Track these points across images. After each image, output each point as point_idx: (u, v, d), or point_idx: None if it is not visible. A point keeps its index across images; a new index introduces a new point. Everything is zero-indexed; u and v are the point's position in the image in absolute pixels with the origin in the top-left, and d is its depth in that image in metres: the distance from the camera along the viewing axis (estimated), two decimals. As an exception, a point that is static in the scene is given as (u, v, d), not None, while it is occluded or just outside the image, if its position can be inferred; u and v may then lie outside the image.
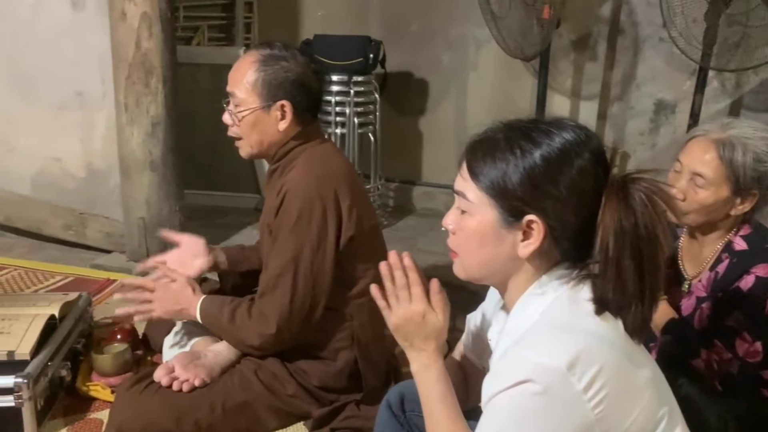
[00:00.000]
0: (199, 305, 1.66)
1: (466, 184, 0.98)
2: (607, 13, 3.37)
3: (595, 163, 0.94)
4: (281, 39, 3.68)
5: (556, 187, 0.92)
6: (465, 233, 0.99)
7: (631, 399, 0.90)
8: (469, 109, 3.69)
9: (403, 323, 1.06)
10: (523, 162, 0.93)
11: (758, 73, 3.25)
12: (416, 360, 1.07)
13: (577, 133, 0.95)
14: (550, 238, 0.94)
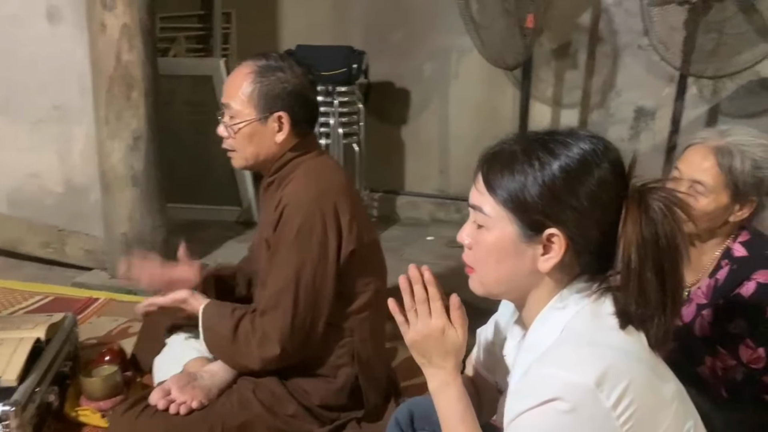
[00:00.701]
0: (201, 314, 1.61)
1: (483, 198, 0.96)
2: (587, 21, 3.41)
3: (615, 174, 0.92)
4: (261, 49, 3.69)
5: (577, 199, 0.90)
6: (483, 248, 0.97)
7: (658, 414, 0.89)
8: (451, 119, 3.69)
9: (421, 339, 1.03)
10: (543, 174, 0.91)
11: (734, 80, 3.30)
12: (435, 378, 1.04)
13: (594, 144, 0.93)
14: (572, 251, 0.92)
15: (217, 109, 3.39)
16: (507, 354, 1.09)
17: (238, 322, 1.57)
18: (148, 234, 2.66)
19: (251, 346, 1.55)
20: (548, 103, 3.50)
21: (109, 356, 1.85)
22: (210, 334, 1.61)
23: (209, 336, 1.62)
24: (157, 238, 2.70)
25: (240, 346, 1.56)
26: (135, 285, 1.76)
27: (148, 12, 2.50)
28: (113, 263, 2.69)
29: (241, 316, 1.59)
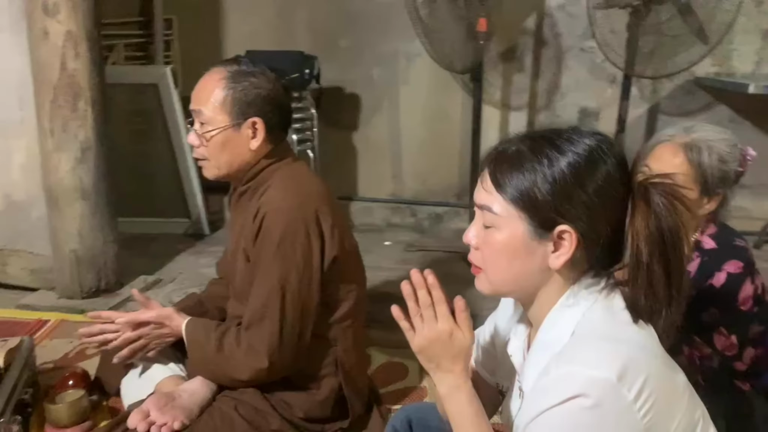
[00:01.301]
0: (184, 328, 1.56)
1: (492, 197, 0.95)
2: (532, 25, 3.48)
3: (620, 169, 0.93)
4: (205, 56, 3.60)
5: (586, 194, 0.90)
6: (492, 248, 0.96)
7: (674, 405, 0.90)
8: (402, 123, 3.70)
9: (429, 344, 1.01)
10: (552, 171, 0.91)
11: (672, 80, 3.45)
12: (444, 381, 1.02)
13: (599, 140, 0.94)
14: (582, 247, 0.92)
15: (162, 117, 3.33)
16: (513, 354, 1.08)
17: (223, 335, 1.53)
18: (100, 249, 2.54)
19: (237, 358, 1.50)
20: (497, 106, 3.56)
21: (72, 380, 1.74)
22: (195, 347, 1.56)
23: (194, 349, 1.56)
24: (109, 254, 2.58)
25: (226, 358, 1.51)
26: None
27: (94, 18, 2.39)
28: (62, 282, 2.56)
29: (226, 330, 1.54)
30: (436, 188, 3.76)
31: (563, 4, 3.46)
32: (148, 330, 1.60)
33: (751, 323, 1.55)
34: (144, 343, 1.60)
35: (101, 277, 2.57)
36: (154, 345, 1.62)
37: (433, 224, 3.72)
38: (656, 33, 3.00)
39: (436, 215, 3.73)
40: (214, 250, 3.30)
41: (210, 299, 1.80)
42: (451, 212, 3.72)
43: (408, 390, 1.94)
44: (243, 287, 1.61)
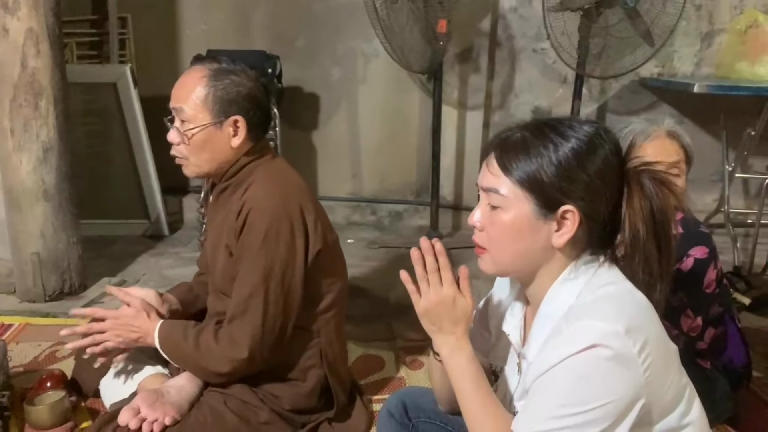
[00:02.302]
0: (157, 331, 1.55)
1: (499, 180, 1.01)
2: (487, 26, 3.59)
3: (616, 154, 1.01)
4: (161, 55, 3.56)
5: (588, 176, 0.98)
6: (499, 228, 1.02)
7: (667, 366, 0.98)
8: (360, 122, 3.74)
9: (433, 307, 1.06)
10: (557, 155, 0.98)
11: (619, 80, 3.61)
12: (446, 343, 1.07)
13: (596, 127, 1.02)
14: (583, 226, 0.99)
15: (121, 117, 3.28)
16: (510, 332, 1.15)
17: (199, 333, 1.54)
18: (63, 251, 2.49)
19: (215, 352, 1.52)
20: (454, 105, 3.64)
21: (50, 382, 1.72)
22: (170, 347, 1.56)
23: (170, 349, 1.56)
24: (73, 256, 2.54)
25: (204, 354, 1.53)
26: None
27: (55, 15, 2.35)
28: (24, 285, 2.50)
29: (202, 328, 1.56)
30: (394, 187, 3.82)
31: (516, 7, 3.58)
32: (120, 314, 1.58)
33: (712, 305, 1.67)
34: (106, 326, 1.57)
35: (65, 279, 2.53)
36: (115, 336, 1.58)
37: (394, 222, 3.78)
38: (605, 35, 3.15)
39: (396, 213, 3.79)
40: (175, 251, 3.28)
41: (199, 286, 1.81)
42: (410, 210, 3.79)
43: (386, 380, 1.99)
44: (223, 282, 1.62)
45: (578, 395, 0.91)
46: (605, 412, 0.90)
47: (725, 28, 3.57)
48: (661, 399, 0.97)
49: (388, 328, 2.37)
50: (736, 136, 3.25)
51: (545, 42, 3.59)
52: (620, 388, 0.91)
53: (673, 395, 0.99)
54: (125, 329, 1.57)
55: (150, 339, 1.56)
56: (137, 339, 1.57)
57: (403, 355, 2.15)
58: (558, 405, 0.92)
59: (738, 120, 3.28)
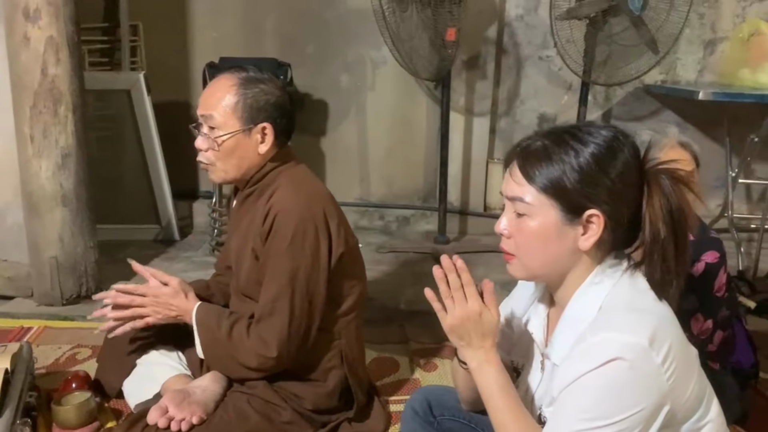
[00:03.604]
0: (194, 312, 1.61)
1: (523, 189, 1.05)
2: (493, 34, 3.64)
3: (634, 156, 1.05)
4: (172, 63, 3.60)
5: (610, 180, 1.02)
6: (526, 235, 1.06)
7: (689, 371, 1.03)
8: (369, 128, 3.79)
9: (460, 323, 1.09)
10: (578, 161, 1.02)
11: (623, 87, 3.66)
12: (474, 357, 1.11)
13: (614, 132, 1.06)
14: (608, 228, 1.03)
15: (134, 124, 3.33)
16: (534, 331, 1.19)
17: (234, 323, 1.59)
18: (80, 256, 2.53)
19: (246, 346, 1.57)
20: (461, 112, 3.69)
21: (75, 383, 1.76)
22: (204, 330, 1.62)
23: (203, 332, 1.62)
24: (90, 260, 2.58)
25: (236, 345, 1.58)
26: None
27: (75, 23, 2.40)
28: (42, 289, 2.54)
29: (237, 319, 1.60)
30: (402, 192, 3.86)
31: (522, 15, 3.63)
32: (160, 292, 1.66)
33: (721, 308, 1.71)
34: (146, 302, 1.65)
35: (82, 283, 2.57)
36: (155, 312, 1.66)
37: (401, 226, 3.83)
38: (611, 43, 3.20)
39: (403, 218, 3.84)
40: (187, 256, 3.32)
41: (215, 285, 1.86)
42: (417, 215, 3.83)
43: (402, 382, 2.03)
44: (248, 285, 1.67)
45: (603, 408, 0.95)
46: (631, 422, 0.94)
47: (727, 36, 3.63)
48: (685, 402, 1.01)
49: (401, 330, 2.41)
50: (739, 143, 3.31)
51: (551, 49, 3.64)
52: (644, 398, 0.95)
53: (695, 397, 1.03)
54: (164, 307, 1.65)
55: (188, 317, 1.63)
56: (176, 317, 1.65)
57: (416, 357, 2.19)
58: (584, 419, 0.96)
59: (741, 126, 3.33)
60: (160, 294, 1.66)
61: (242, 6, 3.66)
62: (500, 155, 3.83)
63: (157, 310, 1.65)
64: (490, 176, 3.78)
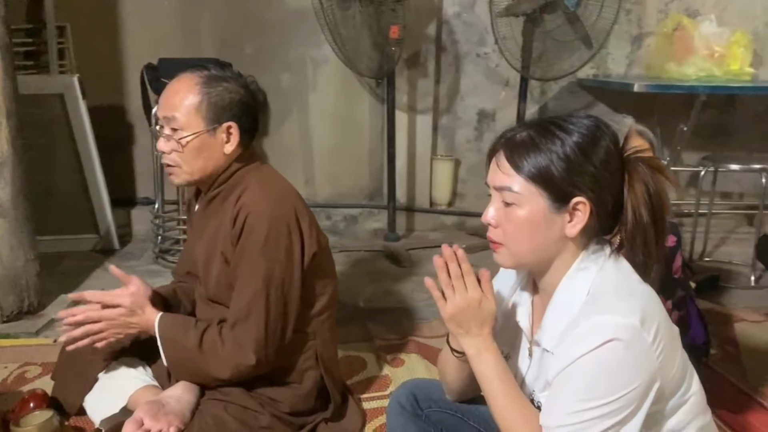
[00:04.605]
0: (157, 325, 1.54)
1: (511, 179, 1.07)
2: (433, 32, 3.68)
3: (615, 144, 1.09)
4: (105, 65, 3.46)
5: (594, 168, 1.05)
6: (515, 223, 1.08)
7: (674, 348, 1.08)
8: (312, 128, 3.77)
9: (460, 311, 1.11)
10: (564, 149, 1.05)
11: (558, 82, 3.78)
12: (473, 345, 1.12)
13: (594, 121, 1.10)
14: (594, 215, 1.06)
15: (68, 129, 3.18)
16: (520, 320, 1.21)
17: (203, 332, 1.53)
18: (21, 270, 2.40)
19: (220, 355, 1.52)
20: (404, 109, 3.71)
21: (33, 402, 1.66)
22: (170, 344, 1.55)
23: (169, 347, 1.55)
24: (31, 274, 2.45)
25: (207, 356, 1.52)
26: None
27: (5, 24, 2.27)
28: (-20, 306, 2.39)
29: (206, 328, 1.55)
30: (348, 191, 3.86)
31: (459, 12, 3.70)
32: (115, 315, 1.55)
33: (677, 289, 1.80)
34: (103, 326, 1.54)
35: (23, 298, 2.44)
36: (114, 334, 1.56)
37: (349, 225, 3.82)
38: (547, 39, 3.30)
39: (351, 217, 3.83)
40: (129, 265, 3.19)
41: (181, 291, 1.79)
42: (365, 213, 3.83)
43: (372, 379, 2.03)
44: (218, 290, 1.63)
45: (601, 388, 0.98)
46: (627, 399, 0.98)
47: (653, 31, 3.81)
48: (671, 378, 1.06)
49: (364, 328, 2.41)
50: (668, 132, 3.48)
51: (488, 47, 3.74)
52: (638, 376, 0.99)
53: (680, 372, 1.08)
54: (123, 327, 1.56)
55: (151, 332, 1.56)
56: (137, 333, 1.58)
57: (382, 354, 2.20)
58: (583, 399, 0.99)
59: (670, 117, 3.50)
60: (114, 317, 1.56)
61: (176, 6, 3.57)
62: (443, 151, 3.89)
63: (116, 331, 1.56)
64: (434, 173, 3.83)
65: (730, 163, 3.01)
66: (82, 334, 1.54)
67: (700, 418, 1.14)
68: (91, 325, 1.55)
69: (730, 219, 4.03)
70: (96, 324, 1.55)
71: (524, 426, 1.06)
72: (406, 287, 2.90)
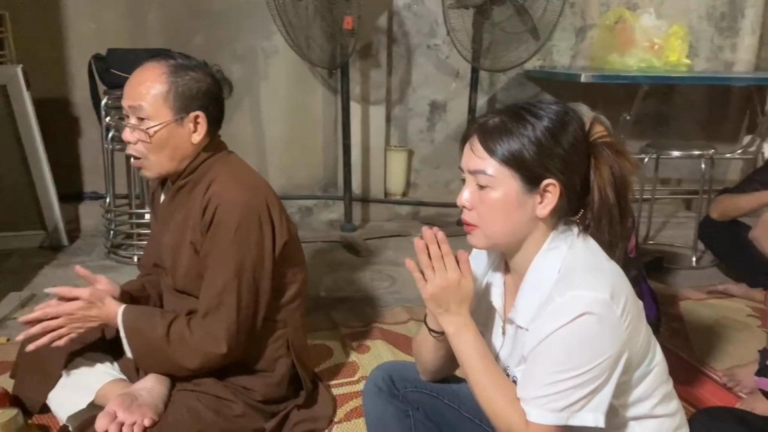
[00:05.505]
0: (120, 316, 1.52)
1: (485, 162, 1.12)
2: (384, 23, 3.71)
3: (582, 129, 1.15)
4: (48, 56, 3.35)
5: (563, 151, 1.10)
6: (489, 205, 1.13)
7: (640, 320, 1.14)
8: (264, 119, 3.74)
9: (440, 291, 1.15)
10: (535, 133, 1.10)
11: (506, 74, 3.87)
12: (452, 323, 1.16)
13: (562, 107, 1.15)
14: (563, 196, 1.12)
15: (12, 122, 3.06)
16: (493, 299, 1.26)
17: (171, 323, 1.53)
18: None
19: (189, 345, 1.51)
20: (357, 100, 3.72)
21: (-6, 401, 1.62)
22: (135, 336, 1.53)
23: (135, 338, 1.53)
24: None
25: (174, 345, 1.51)
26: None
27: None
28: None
29: (173, 319, 1.54)
30: (302, 182, 3.85)
31: (409, 4, 3.73)
32: (74, 308, 1.52)
33: (631, 268, 1.89)
34: (62, 322, 1.51)
35: (-27, 298, 2.34)
36: (74, 329, 1.53)
37: (304, 217, 3.81)
38: (495, 31, 3.38)
39: (306, 208, 3.83)
40: (80, 261, 3.11)
41: (149, 285, 1.77)
42: (320, 204, 3.84)
43: (339, 366, 2.05)
44: (187, 281, 1.62)
45: (575, 359, 1.04)
46: (599, 370, 1.04)
47: (596, 24, 3.94)
48: (638, 349, 1.12)
49: (328, 318, 2.42)
50: (612, 121, 3.59)
51: (438, 38, 3.79)
52: (609, 347, 1.04)
53: (645, 344, 1.15)
54: (83, 320, 1.53)
55: (113, 324, 1.54)
56: (100, 325, 1.56)
57: (348, 341, 2.22)
58: (558, 371, 1.04)
59: (612, 106, 3.63)
60: (72, 311, 1.52)
61: (122, -5, 3.47)
62: (396, 142, 3.92)
63: (77, 326, 1.53)
64: (388, 163, 3.86)
65: (671, 150, 3.15)
66: (40, 330, 1.51)
67: (664, 387, 1.21)
68: (50, 321, 1.51)
69: (670, 204, 4.23)
70: (54, 320, 1.51)
71: (502, 398, 1.11)
72: (366, 276, 2.93)
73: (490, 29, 3.40)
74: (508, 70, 3.61)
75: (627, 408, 1.16)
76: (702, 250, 3.13)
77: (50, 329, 1.51)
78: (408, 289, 2.71)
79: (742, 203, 2.64)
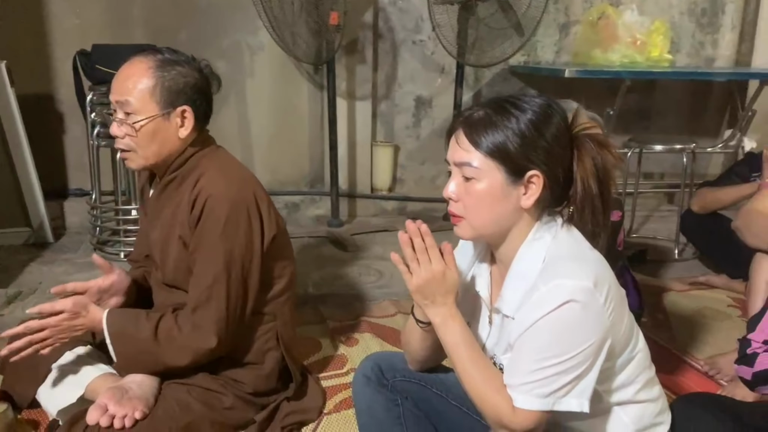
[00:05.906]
0: (105, 320, 1.53)
1: (470, 154, 1.14)
2: (370, 19, 3.71)
3: (565, 121, 1.17)
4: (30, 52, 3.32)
5: (547, 143, 1.13)
6: (474, 197, 1.15)
7: (623, 308, 1.17)
8: (250, 115, 3.74)
9: (425, 283, 1.17)
10: (519, 126, 1.12)
11: (491, 69, 3.90)
12: (439, 314, 1.19)
13: (545, 100, 1.18)
14: (547, 187, 1.14)
15: (-6, 118, 3.03)
16: (480, 290, 1.28)
17: (158, 322, 1.54)
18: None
19: (178, 342, 1.53)
20: (343, 96, 3.73)
21: (-17, 396, 1.62)
22: (121, 339, 1.54)
23: (120, 341, 1.54)
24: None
25: (163, 345, 1.53)
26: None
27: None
28: None
29: (160, 317, 1.55)
30: (288, 178, 3.86)
31: (394, 0, 3.74)
32: (58, 321, 1.51)
33: (618, 260, 1.92)
34: (46, 334, 1.51)
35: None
36: (59, 339, 1.54)
37: (291, 213, 3.82)
38: (480, 26, 3.40)
39: (292, 204, 3.83)
40: (66, 258, 3.10)
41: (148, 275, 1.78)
42: (306, 200, 3.84)
43: (328, 359, 2.07)
44: (176, 274, 1.63)
45: (560, 346, 1.06)
46: (584, 356, 1.07)
47: (579, 20, 3.97)
48: (621, 336, 1.16)
49: (316, 312, 2.44)
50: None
51: (423, 34, 3.81)
52: (593, 334, 1.07)
53: (628, 331, 1.18)
54: (69, 330, 1.53)
55: (99, 330, 1.54)
56: (83, 334, 1.56)
57: (336, 335, 2.24)
58: (543, 357, 1.07)
59: (596, 101, 3.67)
60: (57, 323, 1.51)
61: (105, -9, 3.45)
62: (382, 138, 3.94)
63: (62, 336, 1.54)
64: (374, 159, 3.88)
65: (654, 144, 3.19)
66: (24, 344, 1.51)
67: (646, 373, 1.24)
68: (34, 335, 1.51)
69: (652, 198, 4.28)
70: (39, 333, 1.51)
71: (489, 386, 1.13)
72: (353, 271, 2.94)
73: (474, 25, 3.42)
74: (492, 65, 3.64)
75: (611, 393, 1.19)
76: (684, 242, 3.18)
77: (35, 342, 1.51)
78: (395, 283, 2.73)
79: (721, 196, 2.69)
